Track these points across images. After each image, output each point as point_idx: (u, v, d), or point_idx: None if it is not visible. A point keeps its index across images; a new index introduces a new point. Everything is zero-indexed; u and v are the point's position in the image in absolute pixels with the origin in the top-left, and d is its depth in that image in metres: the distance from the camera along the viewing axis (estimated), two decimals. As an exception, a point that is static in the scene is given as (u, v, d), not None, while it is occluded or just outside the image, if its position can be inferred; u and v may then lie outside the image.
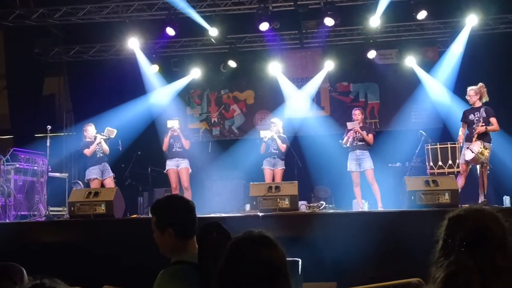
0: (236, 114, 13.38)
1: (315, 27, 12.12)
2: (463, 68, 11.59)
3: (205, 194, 11.46)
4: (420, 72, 12.17)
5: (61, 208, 10.13)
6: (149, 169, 11.73)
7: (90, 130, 9.61)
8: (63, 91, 13.68)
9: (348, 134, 9.53)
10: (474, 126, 8.45)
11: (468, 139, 8.50)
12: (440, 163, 9.09)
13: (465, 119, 8.69)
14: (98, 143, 9.48)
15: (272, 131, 9.88)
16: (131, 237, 6.98)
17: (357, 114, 9.65)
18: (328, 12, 10.76)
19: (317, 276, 5.91)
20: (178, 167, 9.75)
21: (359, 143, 9.46)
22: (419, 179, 7.88)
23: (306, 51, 13.04)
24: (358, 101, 12.87)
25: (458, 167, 8.83)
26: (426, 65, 12.24)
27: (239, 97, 13.40)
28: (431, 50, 12.58)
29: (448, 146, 9.16)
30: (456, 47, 11.58)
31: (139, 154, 11.47)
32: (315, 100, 13.00)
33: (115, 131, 9.66)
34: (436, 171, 9.08)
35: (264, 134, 9.90)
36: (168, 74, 12.97)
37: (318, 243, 6.24)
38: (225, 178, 11.87)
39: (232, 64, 12.65)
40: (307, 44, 12.88)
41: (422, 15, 10.67)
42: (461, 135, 8.77)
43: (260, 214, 7.03)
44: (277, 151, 9.85)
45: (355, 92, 13.00)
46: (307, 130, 12.57)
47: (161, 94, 12.68)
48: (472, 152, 8.05)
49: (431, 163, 9.26)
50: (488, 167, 8.17)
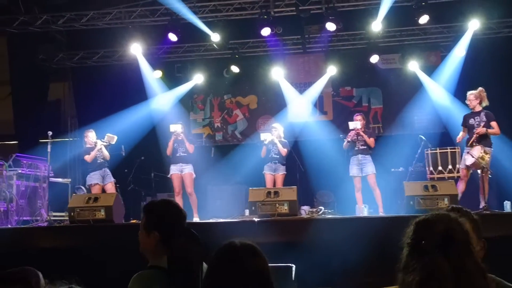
0: (239, 119, 13.41)
1: (318, 32, 12.15)
2: (465, 72, 11.54)
3: (207, 199, 11.47)
4: (423, 76, 12.12)
5: (63, 214, 10.13)
6: (152, 174, 11.79)
7: (91, 136, 9.66)
8: (68, 97, 13.80)
9: (349, 133, 9.52)
10: (474, 130, 8.39)
11: (469, 144, 8.46)
12: (440, 168, 9.09)
13: (465, 124, 8.64)
14: (99, 149, 9.52)
15: (273, 135, 9.87)
16: (130, 242, 6.97)
17: (358, 119, 9.60)
18: (330, 17, 10.77)
19: (312, 282, 5.91)
20: (181, 172, 9.69)
21: (361, 147, 9.43)
22: (418, 184, 7.86)
23: (308, 56, 13.03)
24: (361, 105, 12.86)
25: (458, 172, 8.80)
26: (429, 69, 12.19)
27: (242, 102, 13.44)
28: (433, 54, 12.53)
29: (448, 151, 9.15)
30: (458, 51, 11.54)
31: (142, 159, 11.52)
32: (318, 104, 13.00)
33: (116, 138, 9.69)
34: (436, 176, 9.06)
35: (264, 136, 9.88)
36: (171, 79, 13.04)
37: (314, 248, 6.21)
38: (227, 183, 11.88)
39: (235, 69, 12.67)
40: (309, 49, 12.86)
41: (424, 19, 10.64)
42: (459, 136, 8.74)
43: (256, 220, 7.02)
44: (278, 156, 9.83)
45: (358, 97, 12.98)
46: (310, 135, 12.56)
47: (162, 99, 12.72)
48: (472, 157, 8.01)
49: (431, 168, 9.24)
50: (489, 172, 8.12)
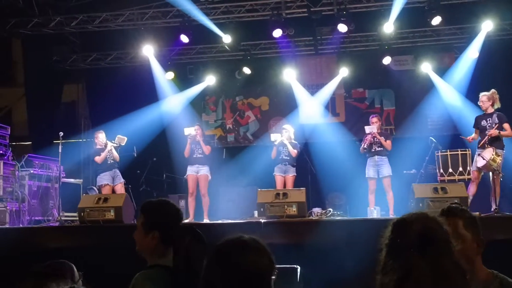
0: (251, 120, 13.42)
1: (329, 34, 12.10)
2: (477, 73, 11.43)
3: (218, 200, 11.46)
4: (435, 78, 12.03)
5: (75, 214, 10.19)
6: (164, 175, 11.84)
7: (101, 137, 9.73)
8: (82, 98, 13.93)
9: (366, 138, 9.48)
10: (487, 132, 8.30)
11: (481, 146, 8.38)
12: (450, 170, 8.98)
13: (477, 125, 8.56)
14: (109, 150, 9.59)
15: (283, 137, 9.86)
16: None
17: (374, 122, 9.56)
18: (342, 19, 10.77)
19: (318, 283, 5.90)
20: (197, 173, 9.77)
21: (378, 148, 9.37)
22: (427, 186, 7.81)
23: (320, 57, 12.99)
24: (373, 107, 12.80)
25: (469, 174, 8.71)
26: (441, 71, 12.10)
27: (253, 103, 13.45)
28: (447, 56, 12.43)
29: (459, 153, 9.05)
30: (471, 53, 11.44)
31: (154, 160, 11.58)
32: (330, 106, 12.96)
33: (126, 139, 9.75)
34: (446, 178, 8.97)
35: (274, 137, 9.88)
36: (184, 81, 13.09)
37: (320, 250, 6.20)
38: (238, 184, 11.88)
39: (246, 70, 12.68)
40: (321, 50, 12.83)
41: (436, 20, 10.58)
42: (470, 137, 8.66)
43: (262, 221, 7.01)
44: (288, 158, 9.82)
45: (370, 99, 12.93)
46: (322, 137, 12.50)
47: (174, 101, 12.76)
48: (484, 159, 7.92)
49: (441, 170, 9.15)
50: (501, 175, 8.02)
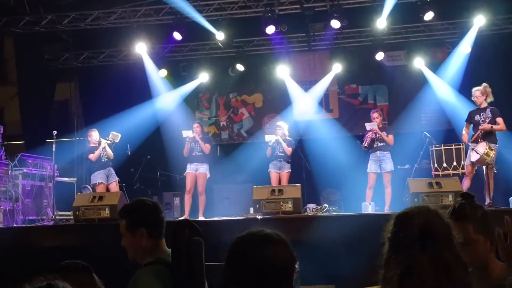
0: (244, 117, 13.40)
1: (322, 30, 12.06)
2: (470, 68, 11.47)
3: (213, 198, 11.46)
4: (428, 73, 12.05)
5: (69, 213, 10.16)
6: (158, 173, 11.82)
7: (94, 135, 9.70)
8: (74, 96, 13.85)
9: (367, 135, 9.50)
10: (480, 126, 8.33)
11: (474, 140, 8.40)
12: (444, 165, 9.03)
13: (470, 120, 8.57)
14: (103, 148, 9.57)
15: (277, 135, 9.88)
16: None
17: (375, 117, 9.59)
18: (335, 15, 10.75)
19: (315, 279, 5.91)
20: (196, 171, 9.86)
21: (380, 144, 9.41)
22: (422, 181, 7.84)
23: (313, 53, 12.96)
24: (367, 103, 12.81)
25: (463, 168, 8.74)
26: (434, 66, 12.12)
27: (247, 100, 13.42)
28: (440, 51, 12.44)
29: (453, 147, 9.09)
30: (464, 48, 11.47)
31: (148, 158, 11.56)
32: (324, 102, 12.96)
33: (119, 136, 9.73)
34: (440, 172, 9.02)
35: (269, 138, 9.92)
36: (176, 78, 13.05)
37: (317, 246, 6.21)
38: (232, 182, 11.89)
39: (240, 67, 12.65)
40: (314, 46, 12.80)
41: (429, 16, 10.60)
42: (465, 134, 8.66)
43: (259, 217, 7.03)
44: (283, 154, 9.85)
45: (363, 95, 12.93)
46: (316, 133, 12.53)
47: (167, 98, 12.74)
48: (477, 154, 7.96)
49: (436, 165, 9.19)
50: (494, 169, 8.07)
